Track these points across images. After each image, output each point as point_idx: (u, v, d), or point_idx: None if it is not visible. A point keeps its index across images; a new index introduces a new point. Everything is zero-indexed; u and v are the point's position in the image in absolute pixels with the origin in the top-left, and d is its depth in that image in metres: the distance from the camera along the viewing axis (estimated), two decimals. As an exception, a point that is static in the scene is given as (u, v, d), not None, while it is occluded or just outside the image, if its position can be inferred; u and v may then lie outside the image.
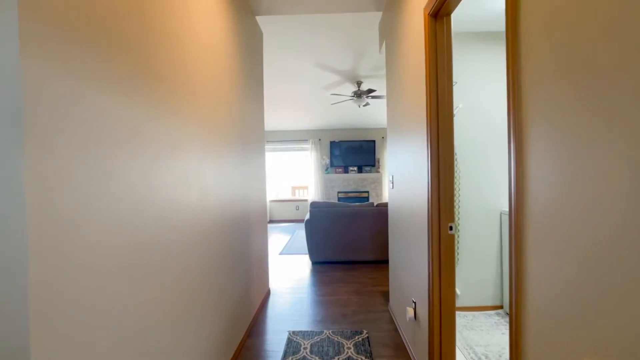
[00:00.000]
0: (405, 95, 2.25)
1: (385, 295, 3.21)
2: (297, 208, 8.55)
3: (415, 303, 2.04)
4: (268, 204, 8.45)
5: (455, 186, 2.73)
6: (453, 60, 1.85)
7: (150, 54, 1.19)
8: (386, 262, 4.37)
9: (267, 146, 8.49)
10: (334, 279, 3.76)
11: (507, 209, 2.72)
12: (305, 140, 8.44)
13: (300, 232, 6.78)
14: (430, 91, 1.69)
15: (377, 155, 8.34)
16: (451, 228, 1.68)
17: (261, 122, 3.27)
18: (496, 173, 2.77)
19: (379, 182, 8.27)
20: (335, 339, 2.40)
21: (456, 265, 2.35)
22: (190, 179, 1.52)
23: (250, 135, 2.77)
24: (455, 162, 2.65)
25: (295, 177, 9.03)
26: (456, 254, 2.52)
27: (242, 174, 2.48)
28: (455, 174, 2.79)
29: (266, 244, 3.39)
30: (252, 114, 2.86)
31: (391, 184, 2.74)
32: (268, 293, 3.30)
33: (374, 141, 8.25)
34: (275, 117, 7.67)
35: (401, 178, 2.43)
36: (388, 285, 3.47)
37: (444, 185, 1.68)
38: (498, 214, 2.78)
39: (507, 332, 2.42)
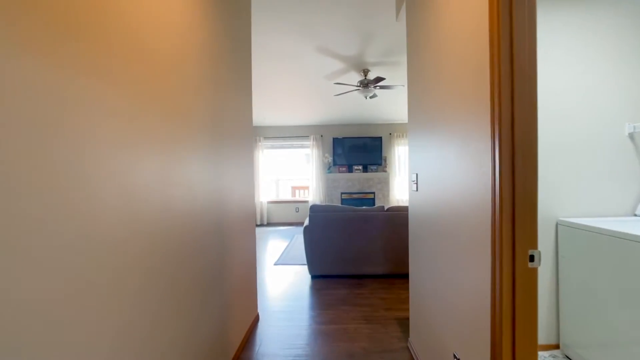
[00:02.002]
0: (443, 69, 1.60)
1: (402, 324, 2.56)
2: (297, 210, 7.91)
3: (459, 360, 1.40)
4: (266, 205, 7.81)
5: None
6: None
7: None
8: (399, 276, 3.72)
9: (265, 143, 7.85)
10: (338, 299, 3.12)
11: (566, 218, 2.07)
12: (306, 137, 7.80)
13: (300, 237, 6.14)
14: (498, 56, 1.05)
15: (384, 153, 7.69)
16: (532, 258, 1.04)
17: (248, 109, 2.63)
18: (552, 170, 2.12)
19: (385, 183, 7.61)
20: (341, 396, 1.76)
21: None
22: (100, 179, 0.89)
23: (230, 124, 2.13)
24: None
25: (295, 176, 8.39)
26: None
27: (216, 171, 1.84)
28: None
29: (254, 257, 2.75)
30: (233, 98, 2.22)
31: (414, 185, 2.09)
32: (256, 320, 2.66)
33: (380, 138, 7.60)
34: (272, 111, 7.04)
35: (431, 178, 1.78)
36: (403, 309, 2.83)
37: (523, 194, 1.03)
38: (553, 224, 2.13)
39: (578, 389, 1.77)
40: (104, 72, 0.92)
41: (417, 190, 2.06)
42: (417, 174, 2.05)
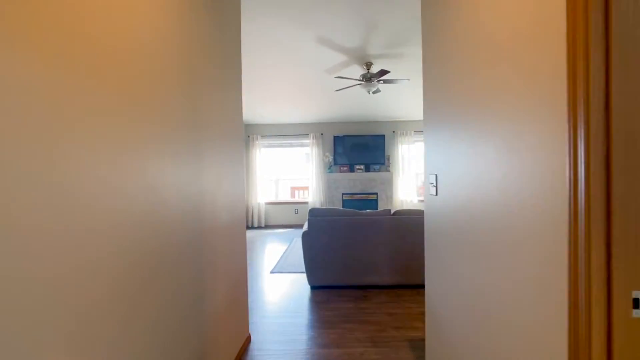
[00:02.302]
0: (479, 40, 1.27)
1: (416, 348, 2.23)
2: (296, 211, 7.58)
3: (505, 423, 1.06)
4: (264, 207, 7.48)
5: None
6: None
7: None
8: (408, 287, 3.38)
9: (262, 142, 7.52)
10: (341, 314, 2.78)
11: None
12: (305, 135, 7.46)
13: (299, 241, 5.80)
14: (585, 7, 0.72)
15: (387, 152, 7.35)
16: (638, 303, 0.70)
17: (237, 105, 2.29)
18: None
19: (389, 183, 7.27)
20: None
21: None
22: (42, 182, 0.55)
23: (214, 120, 1.80)
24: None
25: (295, 176, 8.06)
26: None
27: (194, 172, 1.50)
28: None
29: (244, 268, 2.42)
30: (219, 93, 1.89)
31: (433, 189, 1.76)
32: (247, 343, 2.32)
33: (383, 136, 7.26)
34: (269, 108, 6.70)
35: (457, 180, 1.44)
36: (416, 327, 2.49)
37: (625, 207, 0.69)
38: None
39: None
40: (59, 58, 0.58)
41: (436, 194, 1.72)
42: (436, 176, 1.72)
